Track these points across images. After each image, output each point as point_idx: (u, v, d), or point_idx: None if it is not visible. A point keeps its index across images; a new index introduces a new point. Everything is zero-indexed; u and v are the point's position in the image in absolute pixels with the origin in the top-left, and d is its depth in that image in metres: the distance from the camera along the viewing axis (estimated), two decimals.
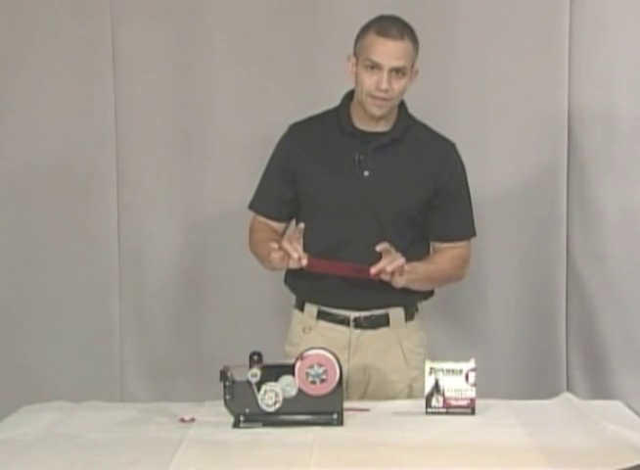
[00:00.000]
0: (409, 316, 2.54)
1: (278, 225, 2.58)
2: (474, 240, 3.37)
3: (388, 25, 2.35)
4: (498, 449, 1.99)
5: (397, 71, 2.35)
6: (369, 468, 1.91)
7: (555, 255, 3.36)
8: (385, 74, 2.33)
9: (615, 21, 3.26)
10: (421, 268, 2.45)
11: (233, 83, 3.36)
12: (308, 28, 3.30)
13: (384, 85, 2.34)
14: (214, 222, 3.41)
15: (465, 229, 2.56)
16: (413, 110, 2.55)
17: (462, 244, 2.56)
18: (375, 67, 2.34)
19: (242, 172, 3.20)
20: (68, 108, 3.40)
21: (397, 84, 2.36)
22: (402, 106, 2.49)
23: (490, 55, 3.31)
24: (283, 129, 2.61)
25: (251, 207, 2.62)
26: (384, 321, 2.51)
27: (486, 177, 3.36)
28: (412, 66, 2.39)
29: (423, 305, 2.63)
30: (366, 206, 2.43)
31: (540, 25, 3.28)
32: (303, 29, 3.30)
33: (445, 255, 2.53)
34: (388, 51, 2.33)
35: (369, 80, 2.36)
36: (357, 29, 3.32)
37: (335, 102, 2.57)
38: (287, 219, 2.59)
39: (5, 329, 3.48)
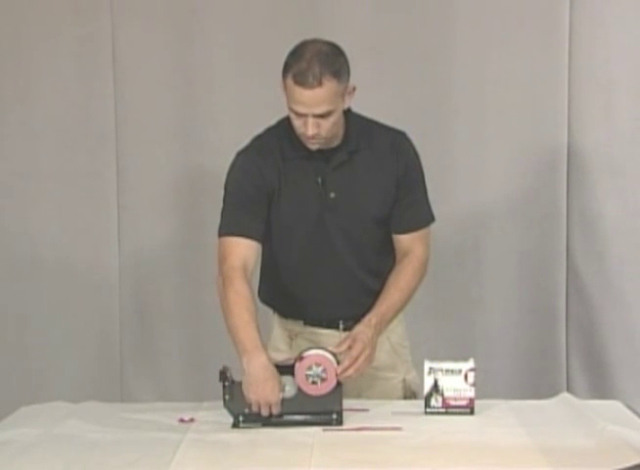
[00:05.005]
0: None
1: (256, 246, 2.37)
2: (473, 240, 3.41)
3: (305, 71, 2.19)
4: (498, 449, 1.99)
5: (322, 115, 2.23)
6: (369, 468, 1.91)
7: (555, 255, 3.36)
8: (309, 120, 2.23)
9: (614, 20, 3.26)
10: (388, 311, 2.36)
11: (233, 83, 3.36)
12: (308, 29, 3.28)
13: (309, 132, 2.24)
14: (214, 222, 3.39)
15: (422, 217, 2.46)
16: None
17: (421, 233, 2.46)
18: (298, 113, 2.24)
19: None
20: (68, 108, 3.40)
21: (326, 123, 2.24)
22: (346, 114, 2.36)
23: (490, 55, 3.31)
24: None
25: (226, 231, 2.39)
26: None
27: (486, 177, 3.37)
28: (342, 97, 2.26)
29: None
30: (336, 225, 2.39)
31: (540, 25, 3.29)
32: (303, 30, 3.27)
33: (404, 269, 2.42)
34: (306, 100, 2.21)
35: (296, 123, 2.27)
36: (357, 30, 3.34)
37: None
38: (262, 241, 2.39)
39: (5, 329, 3.48)
